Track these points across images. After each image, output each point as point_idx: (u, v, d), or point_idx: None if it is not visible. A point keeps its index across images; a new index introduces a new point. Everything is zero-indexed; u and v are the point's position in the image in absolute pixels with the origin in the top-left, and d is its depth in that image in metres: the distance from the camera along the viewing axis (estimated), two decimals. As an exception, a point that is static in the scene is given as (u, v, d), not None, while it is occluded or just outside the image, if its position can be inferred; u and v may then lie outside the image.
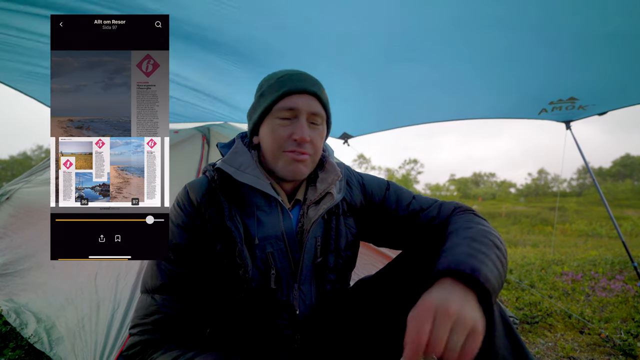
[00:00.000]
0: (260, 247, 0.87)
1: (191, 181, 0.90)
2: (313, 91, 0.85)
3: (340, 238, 0.95)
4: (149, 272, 0.85)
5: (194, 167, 2.00)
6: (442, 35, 1.71)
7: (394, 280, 0.94)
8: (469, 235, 0.78)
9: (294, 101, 0.84)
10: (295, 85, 0.84)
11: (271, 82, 0.87)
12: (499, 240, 0.81)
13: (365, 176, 1.05)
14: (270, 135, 0.86)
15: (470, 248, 0.72)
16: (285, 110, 0.84)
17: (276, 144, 0.84)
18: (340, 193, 0.93)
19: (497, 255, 0.74)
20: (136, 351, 0.81)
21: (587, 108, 2.43)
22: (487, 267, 0.67)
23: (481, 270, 0.65)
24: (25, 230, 2.25)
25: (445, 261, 0.69)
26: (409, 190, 1.05)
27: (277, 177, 0.89)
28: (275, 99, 0.84)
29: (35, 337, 1.54)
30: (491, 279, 0.66)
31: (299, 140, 0.82)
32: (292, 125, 0.84)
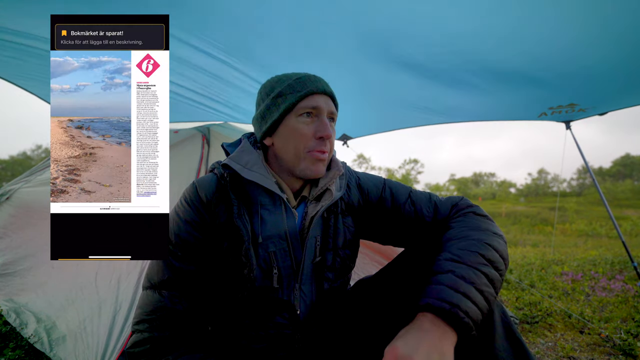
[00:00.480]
0: (264, 246, 0.87)
1: (199, 178, 0.91)
2: (330, 92, 0.91)
3: (338, 236, 0.95)
4: (155, 268, 0.85)
5: (194, 167, 2.00)
6: (443, 36, 1.71)
7: (394, 281, 0.94)
8: (457, 254, 0.78)
9: (317, 100, 0.87)
10: (316, 86, 0.88)
11: (289, 82, 0.89)
12: (494, 248, 0.80)
13: (361, 175, 1.06)
14: (293, 134, 0.87)
15: (452, 275, 0.73)
16: (310, 109, 0.87)
17: (301, 143, 0.86)
18: (340, 191, 0.94)
19: (485, 272, 0.74)
20: (145, 349, 0.80)
21: (587, 110, 2.44)
22: (468, 300, 0.69)
23: (460, 305, 0.67)
24: (25, 230, 2.24)
25: (427, 296, 0.71)
26: (406, 186, 1.05)
27: (294, 175, 0.90)
28: (299, 98, 0.86)
29: (35, 337, 1.54)
30: (472, 312, 0.68)
31: (324, 136, 0.86)
32: (314, 124, 0.87)
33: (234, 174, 0.88)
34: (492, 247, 0.80)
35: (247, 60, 2.00)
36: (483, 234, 0.84)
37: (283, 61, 2.02)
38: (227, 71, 2.13)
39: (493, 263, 0.77)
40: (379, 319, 0.92)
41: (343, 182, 0.97)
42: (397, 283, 0.92)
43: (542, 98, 2.27)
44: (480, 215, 0.93)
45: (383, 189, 1.02)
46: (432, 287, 0.72)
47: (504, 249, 0.83)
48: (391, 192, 1.01)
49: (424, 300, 0.70)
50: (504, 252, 0.82)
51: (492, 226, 0.89)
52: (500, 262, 0.79)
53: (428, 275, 0.77)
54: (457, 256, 0.77)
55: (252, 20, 1.66)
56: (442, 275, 0.74)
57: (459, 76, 1.99)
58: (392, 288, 0.93)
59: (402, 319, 0.85)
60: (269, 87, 0.92)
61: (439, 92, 2.27)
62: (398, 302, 0.89)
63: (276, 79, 0.92)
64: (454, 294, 0.69)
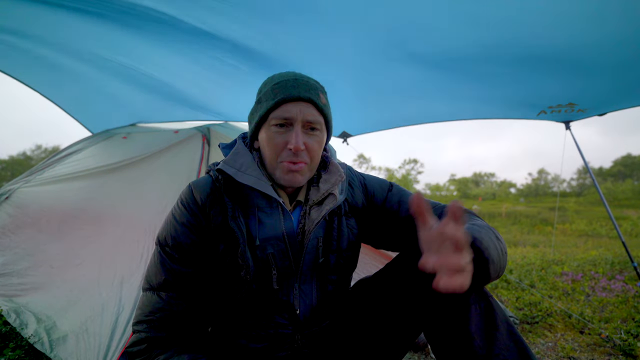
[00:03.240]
0: (261, 248, 0.87)
1: (195, 180, 0.91)
2: (308, 97, 0.84)
3: (342, 238, 0.94)
4: (153, 270, 0.85)
5: (194, 167, 2.00)
6: (443, 35, 1.71)
7: (394, 281, 0.94)
8: (469, 226, 0.81)
9: (288, 110, 0.83)
10: (289, 92, 0.83)
11: (267, 88, 0.87)
12: (499, 236, 0.84)
13: (367, 177, 1.05)
14: (266, 144, 0.86)
15: (474, 227, 0.77)
16: (280, 120, 0.84)
17: (273, 153, 0.85)
18: (342, 194, 0.93)
19: (498, 245, 0.78)
20: (142, 349, 0.81)
21: (587, 111, 2.44)
22: (489, 242, 0.73)
23: (483, 241, 0.71)
24: (25, 229, 2.24)
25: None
26: (412, 192, 1.05)
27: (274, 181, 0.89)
28: (269, 108, 0.84)
29: (35, 337, 1.53)
30: (491, 252, 0.72)
31: (293, 150, 0.82)
32: (287, 134, 0.84)
33: (228, 176, 0.87)
34: (494, 233, 0.84)
35: (247, 59, 1.99)
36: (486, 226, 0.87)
37: (282, 60, 2.02)
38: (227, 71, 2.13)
39: (500, 240, 0.81)
40: (379, 319, 0.92)
41: (345, 185, 0.96)
42: (397, 283, 0.92)
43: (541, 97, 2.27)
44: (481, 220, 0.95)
45: (389, 191, 1.01)
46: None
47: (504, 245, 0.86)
48: (396, 195, 1.01)
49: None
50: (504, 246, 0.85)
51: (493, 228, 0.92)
52: (504, 247, 0.82)
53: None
54: (471, 226, 0.80)
55: (251, 19, 1.66)
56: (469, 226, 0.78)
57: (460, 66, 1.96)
58: (393, 288, 0.93)
59: (402, 321, 0.85)
60: (259, 88, 0.91)
61: (440, 88, 2.27)
62: (398, 303, 0.89)
63: (265, 81, 0.91)
64: (475, 232, 0.73)
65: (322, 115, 0.87)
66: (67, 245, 2.01)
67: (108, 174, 2.24)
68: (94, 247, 1.91)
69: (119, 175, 2.21)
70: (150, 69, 2.23)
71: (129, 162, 2.22)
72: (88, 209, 2.13)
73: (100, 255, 1.83)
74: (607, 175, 41.86)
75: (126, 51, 2.03)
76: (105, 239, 1.92)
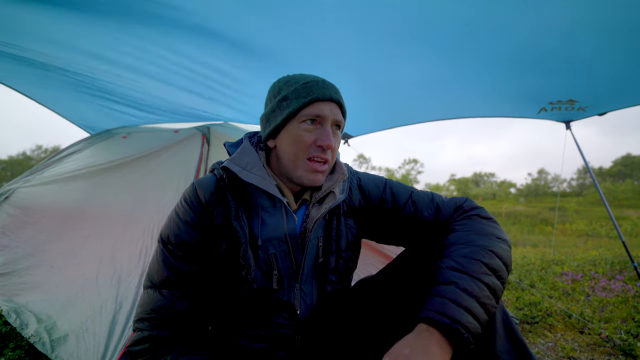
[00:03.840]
0: (263, 248, 0.87)
1: (199, 178, 0.91)
2: (337, 99, 0.87)
3: (340, 239, 0.95)
4: (155, 267, 0.85)
5: (193, 167, 2.00)
6: (443, 34, 1.71)
7: (394, 281, 0.94)
8: (460, 262, 0.76)
9: (321, 108, 0.85)
10: (323, 92, 0.85)
11: (295, 86, 0.86)
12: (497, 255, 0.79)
13: (362, 176, 1.05)
14: (293, 141, 0.85)
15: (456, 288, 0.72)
16: (313, 117, 0.85)
17: (300, 150, 0.85)
18: (342, 193, 0.93)
19: (487, 283, 0.73)
20: (144, 348, 0.80)
21: (587, 109, 2.44)
22: (469, 314, 0.68)
23: (461, 320, 0.67)
24: (25, 229, 2.24)
25: (428, 307, 0.70)
26: (408, 186, 1.04)
27: (291, 181, 0.89)
28: (302, 105, 0.84)
29: (36, 337, 1.53)
30: (472, 326, 0.67)
31: (325, 146, 0.84)
32: (316, 132, 0.85)
33: (233, 175, 0.87)
34: (495, 254, 0.79)
35: (247, 57, 1.99)
36: (487, 239, 0.82)
37: (282, 59, 2.02)
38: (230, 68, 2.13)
39: (496, 272, 0.76)
40: (379, 320, 0.92)
41: (346, 185, 0.96)
42: (398, 283, 0.92)
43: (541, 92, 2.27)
44: (485, 217, 0.91)
45: (384, 190, 1.01)
46: (435, 299, 0.71)
47: (507, 255, 0.81)
48: (392, 193, 1.00)
49: (425, 313, 0.69)
50: (508, 258, 0.80)
51: (497, 230, 0.87)
52: (503, 270, 0.78)
53: (429, 282, 0.76)
54: (460, 265, 0.76)
55: (252, 18, 1.66)
56: (445, 287, 0.72)
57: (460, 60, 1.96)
58: (393, 288, 0.93)
59: (402, 320, 0.85)
60: (277, 88, 0.90)
61: (440, 85, 2.26)
62: (398, 303, 0.89)
63: (284, 81, 0.90)
64: (455, 309, 0.68)
65: (344, 118, 0.91)
66: (67, 244, 2.01)
67: (108, 174, 2.24)
68: (94, 247, 1.91)
69: (118, 175, 2.21)
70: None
71: (129, 161, 2.22)
72: (88, 209, 2.13)
73: (99, 254, 1.83)
74: (607, 175, 41.86)
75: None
76: (104, 239, 1.92)
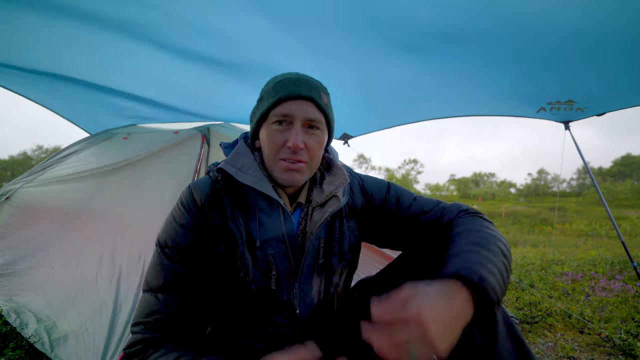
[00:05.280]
0: (262, 249, 0.87)
1: (195, 181, 0.90)
2: (309, 96, 0.84)
3: (343, 241, 0.95)
4: (152, 271, 0.85)
5: (193, 167, 2.00)
6: (443, 32, 1.71)
7: (395, 281, 0.94)
8: (476, 241, 0.76)
9: (289, 107, 0.83)
10: (291, 90, 0.83)
11: (269, 86, 0.87)
12: (506, 247, 0.80)
13: (365, 178, 1.05)
14: (266, 141, 0.86)
15: (478, 255, 0.71)
16: (280, 117, 0.83)
17: (272, 151, 0.84)
18: (345, 196, 0.93)
19: (504, 263, 0.73)
20: (137, 349, 0.81)
21: (586, 110, 2.44)
22: (494, 277, 0.67)
23: (488, 280, 0.65)
24: (25, 230, 2.24)
25: (454, 266, 0.67)
26: (410, 191, 1.04)
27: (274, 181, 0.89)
28: (270, 105, 0.84)
29: (35, 337, 1.53)
30: (497, 289, 0.66)
31: (292, 147, 0.81)
32: (286, 132, 0.83)
33: (228, 177, 0.87)
34: (503, 243, 0.80)
35: (247, 55, 1.99)
36: (494, 232, 0.84)
37: (282, 57, 2.01)
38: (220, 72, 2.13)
39: (506, 257, 0.77)
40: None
41: (347, 188, 0.96)
42: (398, 283, 0.92)
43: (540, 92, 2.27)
44: (487, 221, 0.93)
45: (387, 192, 1.01)
46: (459, 259, 0.69)
47: (510, 254, 0.82)
48: (396, 195, 1.00)
49: (452, 269, 0.66)
50: (511, 256, 0.82)
51: (499, 232, 0.89)
52: (510, 259, 0.78)
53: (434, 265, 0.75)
54: (479, 241, 0.76)
55: (252, 17, 1.66)
56: (469, 252, 0.71)
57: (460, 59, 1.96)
58: (393, 288, 0.93)
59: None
60: (262, 88, 0.91)
61: (439, 82, 2.26)
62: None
63: (268, 81, 0.91)
64: (482, 268, 0.66)
65: (323, 115, 0.87)
66: (68, 245, 2.02)
67: (108, 174, 2.25)
68: (94, 247, 1.91)
69: (118, 176, 2.21)
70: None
71: (129, 162, 2.22)
72: (88, 210, 2.13)
73: (99, 255, 1.84)
74: (607, 175, 41.88)
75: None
76: (105, 239, 1.92)
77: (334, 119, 0.93)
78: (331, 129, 0.92)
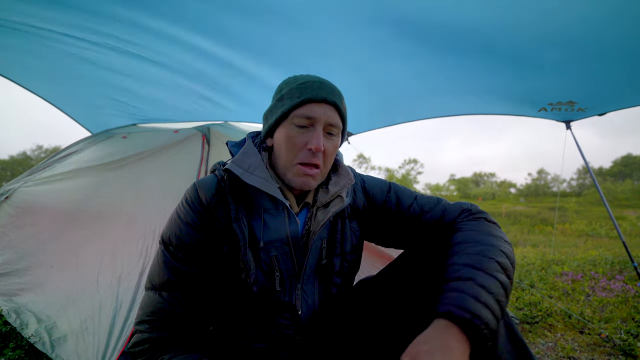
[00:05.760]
0: (265, 250, 0.86)
1: (200, 179, 0.90)
2: (333, 101, 0.84)
3: (345, 241, 0.95)
4: (156, 269, 0.85)
5: (193, 167, 2.00)
6: (445, 31, 1.70)
7: (395, 281, 0.94)
8: (474, 260, 0.75)
9: (313, 110, 0.83)
10: (316, 93, 0.83)
11: (291, 87, 0.86)
12: (507, 256, 0.79)
13: (366, 178, 1.05)
14: (285, 142, 0.85)
15: (473, 283, 0.70)
16: (303, 118, 0.83)
17: (290, 152, 0.84)
18: (348, 197, 0.93)
19: (502, 283, 0.72)
20: (144, 349, 0.80)
21: (587, 110, 2.44)
22: (488, 309, 0.67)
23: (482, 316, 0.65)
24: (25, 229, 2.24)
25: (447, 303, 0.68)
26: (412, 190, 1.04)
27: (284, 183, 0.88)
28: (294, 105, 0.83)
29: (36, 337, 1.53)
30: (491, 322, 0.66)
31: (314, 149, 0.81)
32: (307, 134, 0.83)
33: (234, 177, 0.86)
34: (505, 254, 0.79)
35: (247, 54, 1.98)
36: (496, 240, 0.83)
37: (283, 57, 2.01)
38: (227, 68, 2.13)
39: (506, 271, 0.76)
40: (381, 320, 0.92)
41: (350, 188, 0.96)
42: (400, 283, 0.92)
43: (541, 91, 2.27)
44: (491, 222, 0.92)
45: (388, 192, 1.01)
46: (453, 294, 0.69)
47: (513, 257, 0.82)
48: (397, 195, 1.00)
49: (445, 307, 0.68)
50: (514, 260, 0.81)
51: (503, 234, 0.88)
52: (511, 270, 0.78)
53: (434, 280, 0.75)
54: (475, 262, 0.75)
55: (251, 16, 1.66)
56: (462, 283, 0.71)
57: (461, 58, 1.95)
58: (394, 288, 0.93)
59: (403, 320, 0.84)
60: (279, 87, 0.90)
61: (441, 82, 2.26)
62: (400, 303, 0.89)
63: (287, 80, 0.90)
64: (475, 304, 0.66)
65: (342, 121, 0.88)
66: (67, 244, 2.01)
67: (108, 174, 2.24)
68: (94, 247, 1.91)
69: (118, 175, 2.21)
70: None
71: (129, 161, 2.22)
72: (88, 209, 2.13)
73: (99, 254, 1.83)
74: (607, 175, 41.88)
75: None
76: (104, 238, 1.92)
77: (347, 125, 0.93)
78: (344, 134, 0.93)
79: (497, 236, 0.85)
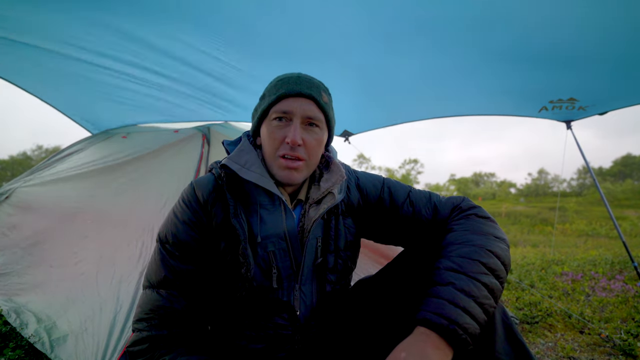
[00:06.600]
0: (262, 245, 0.87)
1: (197, 178, 0.91)
2: (309, 94, 0.85)
3: (339, 238, 0.95)
4: (153, 267, 0.85)
5: (193, 167, 2.00)
6: (444, 31, 1.70)
7: (393, 281, 0.94)
8: (458, 263, 0.76)
9: (289, 104, 0.85)
10: (292, 88, 0.85)
11: (271, 85, 0.89)
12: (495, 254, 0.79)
13: (360, 175, 1.05)
14: (267, 137, 0.87)
15: (453, 288, 0.71)
16: (280, 113, 0.85)
17: (271, 147, 0.86)
18: (341, 193, 0.93)
19: (486, 285, 0.73)
20: (143, 348, 0.80)
21: (587, 109, 2.44)
22: (467, 314, 0.68)
23: (459, 322, 0.66)
24: (24, 229, 2.24)
25: (425, 309, 0.70)
26: (406, 185, 1.04)
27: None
28: (272, 102, 0.86)
29: (35, 337, 1.53)
30: (470, 327, 0.67)
31: (290, 142, 0.83)
32: (285, 128, 0.85)
33: (231, 173, 0.87)
34: (493, 253, 0.78)
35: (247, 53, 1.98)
36: (485, 238, 0.82)
37: (282, 57, 2.01)
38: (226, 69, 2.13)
39: (494, 271, 0.76)
40: (379, 320, 0.92)
41: (344, 185, 0.96)
42: (397, 284, 0.92)
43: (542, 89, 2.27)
44: (483, 217, 0.91)
45: (382, 189, 1.01)
46: (432, 300, 0.70)
47: (505, 254, 0.81)
48: (390, 192, 1.00)
49: (422, 314, 0.69)
50: (506, 257, 0.80)
51: (495, 229, 0.87)
52: (502, 270, 0.77)
53: (427, 282, 0.76)
54: (458, 265, 0.75)
55: (252, 16, 1.66)
56: (442, 288, 0.72)
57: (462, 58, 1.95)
58: (392, 289, 0.93)
59: (401, 320, 0.84)
60: (266, 86, 0.93)
61: (441, 82, 2.26)
62: (398, 303, 0.89)
63: (272, 80, 0.92)
64: (453, 309, 0.67)
65: (323, 113, 0.88)
66: (67, 244, 2.01)
67: (107, 174, 2.24)
68: (93, 246, 1.91)
69: (118, 175, 2.21)
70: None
71: (129, 161, 2.22)
72: (87, 208, 2.13)
73: (99, 254, 1.83)
74: (607, 175, 41.86)
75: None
76: (104, 238, 1.92)
77: (334, 119, 0.94)
78: (331, 128, 0.93)
79: (486, 234, 0.84)
